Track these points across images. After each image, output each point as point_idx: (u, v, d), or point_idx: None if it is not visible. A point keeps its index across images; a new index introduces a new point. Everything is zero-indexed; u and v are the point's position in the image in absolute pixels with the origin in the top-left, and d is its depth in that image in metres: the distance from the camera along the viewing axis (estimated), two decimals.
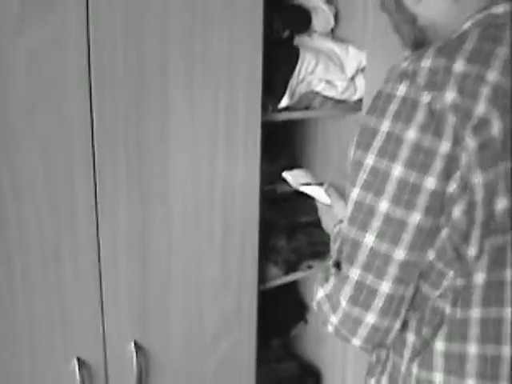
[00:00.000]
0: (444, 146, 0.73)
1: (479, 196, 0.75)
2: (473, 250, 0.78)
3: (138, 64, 1.06)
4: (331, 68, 1.40)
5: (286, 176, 1.26)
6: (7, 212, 1.00)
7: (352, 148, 0.82)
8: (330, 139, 1.61)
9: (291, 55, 1.36)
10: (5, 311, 1.04)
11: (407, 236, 0.76)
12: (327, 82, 1.42)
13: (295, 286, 1.77)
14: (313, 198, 1.22)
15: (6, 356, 1.07)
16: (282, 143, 1.69)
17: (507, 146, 0.75)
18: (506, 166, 0.75)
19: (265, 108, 1.28)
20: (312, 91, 1.42)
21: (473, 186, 0.74)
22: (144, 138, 1.11)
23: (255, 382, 1.43)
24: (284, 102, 1.35)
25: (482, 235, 0.77)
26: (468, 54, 0.76)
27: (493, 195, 0.76)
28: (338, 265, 0.87)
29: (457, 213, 0.76)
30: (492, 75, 0.75)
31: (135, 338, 1.20)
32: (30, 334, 1.08)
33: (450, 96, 0.73)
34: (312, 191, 1.18)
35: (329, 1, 1.49)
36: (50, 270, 1.07)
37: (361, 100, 1.46)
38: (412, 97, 0.75)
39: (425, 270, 0.81)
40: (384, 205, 0.76)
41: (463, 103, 0.73)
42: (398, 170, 0.75)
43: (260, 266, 1.36)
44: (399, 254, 0.77)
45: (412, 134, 0.74)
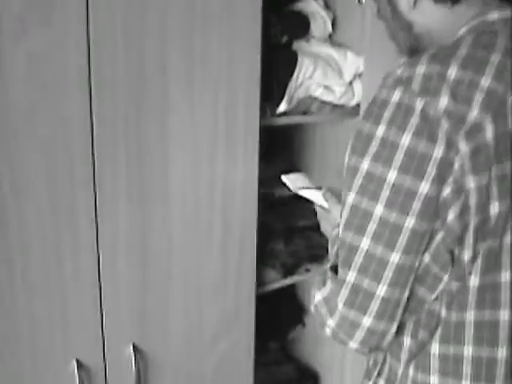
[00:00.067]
0: (438, 151, 0.74)
1: (473, 200, 0.75)
2: (467, 254, 0.79)
3: (138, 64, 1.07)
4: (329, 73, 1.40)
5: (285, 179, 1.27)
6: (8, 212, 1.00)
7: (347, 153, 0.82)
8: (327, 144, 1.61)
9: (290, 60, 1.35)
10: (6, 312, 1.04)
11: (402, 240, 0.77)
12: (325, 87, 1.42)
13: (293, 290, 1.77)
14: (311, 202, 1.22)
15: (6, 356, 1.07)
16: (281, 147, 1.69)
17: (500, 150, 0.75)
18: (498, 171, 0.76)
19: (263, 112, 1.28)
20: (310, 96, 1.42)
21: (466, 190, 0.75)
22: (144, 139, 1.11)
23: (253, 383, 1.43)
24: (282, 107, 1.35)
25: (476, 239, 0.78)
26: (461, 60, 0.76)
27: (486, 199, 0.76)
28: (335, 268, 0.87)
29: (451, 217, 0.76)
30: (485, 81, 0.75)
31: (134, 340, 1.20)
32: (31, 335, 1.08)
33: (444, 102, 0.74)
34: (310, 195, 1.19)
35: (327, 6, 1.50)
36: (50, 271, 1.07)
37: (359, 105, 1.46)
38: (406, 103, 0.75)
39: (420, 274, 0.81)
40: (379, 209, 0.77)
41: (456, 109, 0.74)
42: (392, 175, 0.76)
43: (258, 269, 1.36)
44: (394, 257, 0.77)
45: (406, 140, 0.75)
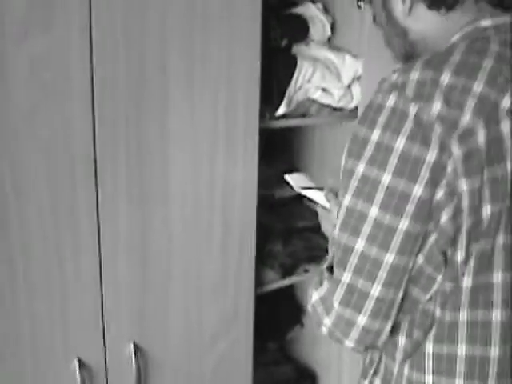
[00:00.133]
0: (431, 155, 0.75)
1: (465, 203, 0.76)
2: (460, 255, 0.80)
3: (139, 65, 1.08)
4: (328, 76, 1.41)
5: (288, 178, 1.27)
6: (9, 212, 1.01)
7: (344, 156, 0.83)
8: (326, 146, 1.62)
9: (289, 64, 1.36)
10: (7, 311, 1.05)
11: (396, 241, 0.78)
12: (324, 89, 1.43)
13: (292, 290, 1.77)
14: (310, 203, 1.23)
15: (8, 356, 1.08)
16: (280, 149, 1.70)
17: (492, 154, 0.76)
18: (490, 174, 0.77)
19: (263, 115, 1.29)
20: (309, 99, 1.42)
21: (459, 193, 0.76)
22: (144, 139, 1.12)
23: (252, 382, 1.44)
24: (281, 110, 1.35)
25: (468, 240, 0.79)
26: (454, 66, 0.77)
27: (478, 202, 0.77)
28: (331, 269, 0.88)
29: (444, 219, 0.78)
30: (477, 87, 0.76)
31: (134, 339, 1.21)
32: (32, 334, 1.09)
33: (437, 107, 0.75)
34: (312, 195, 1.19)
35: (326, 11, 1.51)
36: (51, 271, 1.08)
37: (357, 108, 1.47)
38: (401, 108, 0.76)
39: (414, 275, 0.82)
40: (374, 211, 0.78)
41: (449, 114, 0.75)
42: (387, 178, 0.77)
43: (257, 269, 1.37)
44: (388, 258, 0.78)
45: (400, 144, 0.76)
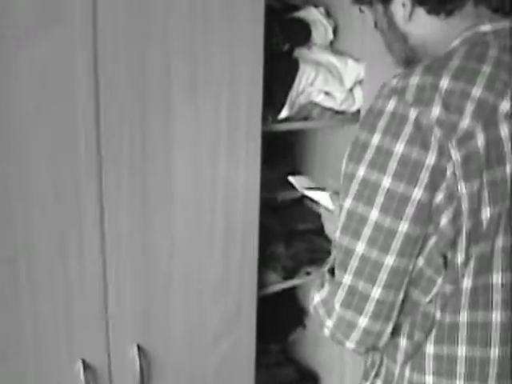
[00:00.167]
0: (430, 159, 0.76)
1: (465, 205, 0.77)
2: (460, 257, 0.80)
3: (143, 68, 1.08)
4: (330, 80, 1.41)
5: (292, 180, 1.28)
6: (13, 212, 1.02)
7: (345, 160, 0.84)
8: (328, 149, 1.62)
9: (291, 67, 1.37)
10: (11, 312, 1.06)
11: (396, 244, 0.78)
12: (326, 93, 1.43)
13: (294, 292, 1.78)
14: (313, 204, 1.23)
15: (11, 357, 1.08)
16: (282, 152, 1.70)
17: (490, 157, 0.77)
18: (489, 177, 0.78)
19: (265, 119, 1.29)
20: (311, 102, 1.43)
21: (459, 196, 0.77)
22: (148, 141, 1.12)
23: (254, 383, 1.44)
24: (284, 113, 1.36)
25: (468, 242, 0.80)
26: (454, 71, 0.78)
27: (478, 204, 0.78)
28: (333, 271, 0.88)
29: (444, 222, 0.78)
30: (476, 91, 0.77)
31: (138, 341, 1.21)
32: (36, 335, 1.10)
33: (436, 111, 0.76)
34: (316, 196, 1.19)
35: (328, 15, 1.51)
36: (55, 272, 1.08)
37: (359, 111, 1.48)
38: (401, 112, 0.77)
39: (414, 277, 0.83)
40: (374, 214, 0.79)
41: (448, 118, 0.76)
42: (387, 182, 0.78)
43: (259, 271, 1.37)
44: (389, 260, 0.79)
45: (400, 148, 0.76)
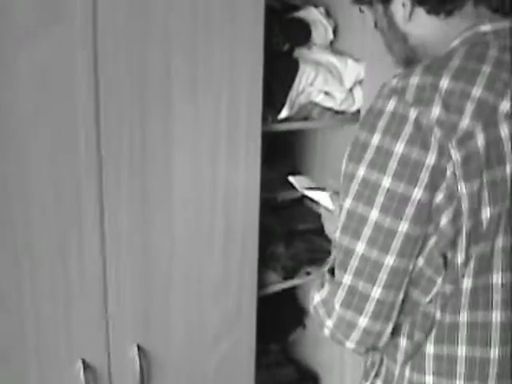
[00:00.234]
0: (430, 159, 0.76)
1: (465, 205, 0.77)
2: (460, 257, 0.80)
3: (143, 68, 1.08)
4: (330, 80, 1.41)
5: (292, 180, 1.28)
6: (14, 213, 1.02)
7: (345, 160, 0.84)
8: (328, 149, 1.63)
9: (291, 67, 1.37)
10: (12, 312, 1.06)
11: (396, 244, 0.79)
12: (326, 93, 1.43)
13: (294, 292, 1.78)
14: (313, 204, 1.23)
15: (12, 356, 1.09)
16: (282, 152, 1.70)
17: (490, 157, 0.77)
18: (489, 177, 0.78)
19: (265, 119, 1.29)
20: (311, 102, 1.43)
21: (458, 196, 0.77)
22: (148, 142, 1.12)
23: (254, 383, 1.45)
24: (284, 113, 1.36)
25: (468, 242, 0.80)
26: (454, 71, 0.78)
27: (478, 204, 0.78)
28: (332, 271, 0.89)
29: (444, 222, 0.78)
30: (476, 91, 0.77)
31: (138, 341, 1.22)
32: (37, 335, 1.10)
33: (436, 111, 0.76)
34: (316, 195, 1.19)
35: (328, 15, 1.52)
36: (55, 272, 1.09)
37: (359, 111, 1.48)
38: (401, 112, 0.77)
39: (415, 277, 0.83)
40: (374, 214, 0.79)
41: (448, 118, 0.76)
42: (387, 182, 0.78)
43: (259, 271, 1.37)
44: (389, 260, 0.79)
45: (400, 148, 0.77)
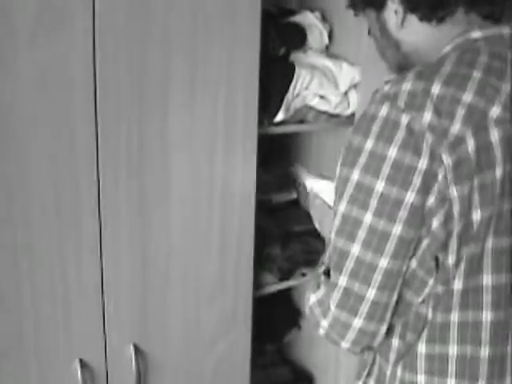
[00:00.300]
0: (422, 163, 0.77)
1: (456, 208, 0.79)
2: (451, 259, 0.82)
3: (142, 67, 1.09)
4: (325, 83, 1.42)
5: (297, 168, 1.28)
6: (14, 212, 1.03)
7: (339, 164, 0.85)
8: (323, 151, 1.63)
9: (287, 71, 1.37)
10: (11, 312, 1.07)
11: (390, 246, 0.80)
12: (321, 96, 1.44)
13: (289, 293, 1.79)
14: (308, 206, 1.24)
15: (11, 356, 1.09)
16: (278, 155, 1.71)
17: (480, 161, 0.79)
18: (479, 180, 0.79)
19: (261, 122, 1.30)
20: (306, 106, 1.43)
21: (450, 199, 0.78)
22: (146, 142, 1.13)
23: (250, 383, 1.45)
24: (280, 117, 1.37)
25: (459, 244, 0.81)
26: (445, 77, 0.80)
27: (468, 207, 0.79)
28: (328, 272, 0.90)
29: (435, 224, 0.80)
30: (467, 97, 0.79)
31: (135, 340, 1.22)
32: (35, 335, 1.10)
33: (428, 117, 0.77)
34: (318, 185, 1.19)
35: (324, 19, 1.53)
36: (54, 272, 1.09)
37: (353, 115, 1.48)
38: (393, 118, 0.79)
39: (408, 278, 0.85)
40: (368, 217, 0.80)
41: (440, 124, 0.77)
42: (380, 186, 0.79)
43: (255, 272, 1.38)
44: (383, 262, 0.81)
45: (393, 152, 0.78)
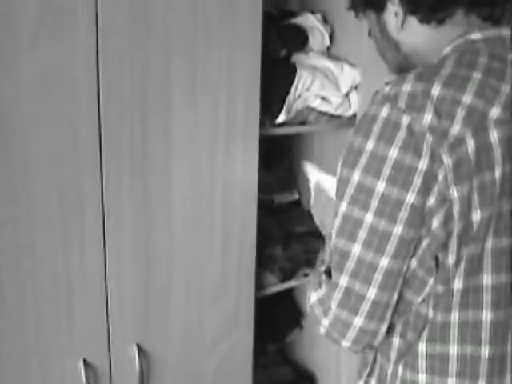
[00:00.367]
0: (423, 164, 0.78)
1: (456, 209, 0.79)
2: (451, 259, 0.82)
3: (143, 68, 1.10)
4: (326, 85, 1.43)
5: (305, 164, 1.28)
6: (17, 212, 1.03)
7: (340, 165, 0.86)
8: (324, 152, 1.64)
9: (288, 73, 1.38)
10: (14, 311, 1.07)
11: (391, 246, 0.81)
12: (322, 98, 1.44)
13: (291, 294, 1.79)
14: (310, 205, 1.24)
15: (14, 356, 1.10)
16: (280, 156, 1.71)
17: (480, 162, 0.79)
18: (479, 181, 0.80)
19: (263, 123, 1.30)
20: (308, 107, 1.44)
21: (450, 199, 0.79)
22: (148, 142, 1.13)
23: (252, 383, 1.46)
24: (281, 118, 1.37)
25: (459, 244, 0.82)
26: (445, 78, 0.80)
27: (468, 208, 0.80)
28: (329, 272, 0.91)
29: (435, 224, 0.80)
30: (466, 98, 0.79)
31: (138, 340, 1.23)
32: (38, 335, 1.11)
33: (428, 118, 0.78)
34: (325, 180, 1.19)
35: (325, 21, 1.53)
36: (57, 272, 1.10)
37: (354, 116, 1.49)
38: (394, 119, 0.79)
39: (408, 278, 0.85)
40: (369, 217, 0.81)
41: (440, 125, 0.78)
42: (381, 186, 0.80)
43: (257, 273, 1.38)
44: (384, 262, 0.81)
45: (394, 153, 0.79)
